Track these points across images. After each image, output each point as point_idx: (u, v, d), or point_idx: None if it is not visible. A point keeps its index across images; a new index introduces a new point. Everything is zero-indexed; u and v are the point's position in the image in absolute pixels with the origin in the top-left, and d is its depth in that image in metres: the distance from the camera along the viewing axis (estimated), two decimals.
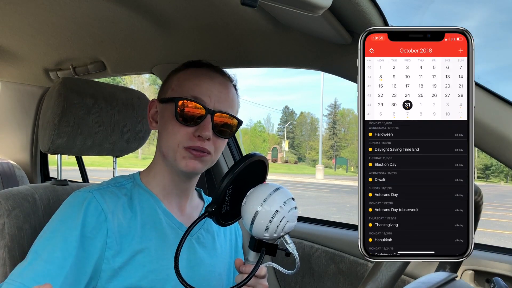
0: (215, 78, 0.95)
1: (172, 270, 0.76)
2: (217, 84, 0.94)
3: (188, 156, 0.91)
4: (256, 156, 0.82)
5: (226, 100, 0.94)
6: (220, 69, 0.99)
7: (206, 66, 0.97)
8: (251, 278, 0.76)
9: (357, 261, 1.36)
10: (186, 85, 0.93)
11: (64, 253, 0.81)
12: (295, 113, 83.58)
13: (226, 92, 0.95)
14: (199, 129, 0.90)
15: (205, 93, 0.92)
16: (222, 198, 0.78)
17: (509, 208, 13.20)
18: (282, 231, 0.77)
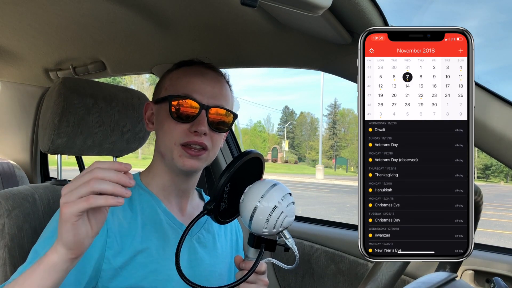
0: (207, 74, 0.95)
1: (173, 271, 0.76)
2: (210, 80, 0.95)
3: (185, 155, 0.91)
4: (252, 153, 0.83)
5: (220, 94, 0.95)
6: (212, 65, 0.99)
7: (198, 64, 0.98)
8: (251, 274, 0.77)
9: (357, 261, 1.36)
10: (178, 83, 0.94)
11: None
12: (295, 113, 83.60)
13: (219, 87, 0.96)
14: (194, 124, 0.91)
15: (198, 89, 0.92)
16: (220, 196, 0.79)
17: (509, 208, 13.20)
18: (281, 226, 0.78)
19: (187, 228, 0.77)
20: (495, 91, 0.77)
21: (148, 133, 1.26)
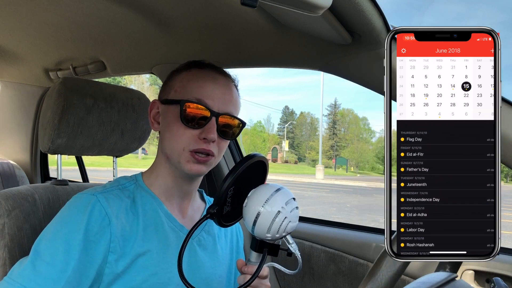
0: (218, 80, 0.94)
1: (174, 273, 0.75)
2: (221, 86, 0.94)
3: (192, 161, 0.90)
4: (257, 157, 0.82)
5: (230, 101, 0.94)
6: (222, 70, 0.98)
7: (209, 67, 0.97)
8: (255, 278, 0.76)
9: (357, 261, 1.36)
10: (189, 86, 0.93)
11: (66, 257, 0.81)
12: (295, 113, 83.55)
13: (230, 94, 0.95)
14: (204, 131, 0.89)
15: (210, 95, 0.91)
16: (223, 200, 0.78)
17: (509, 208, 13.18)
18: (284, 231, 0.77)
19: (189, 232, 0.76)
20: None
21: (148, 133, 1.26)
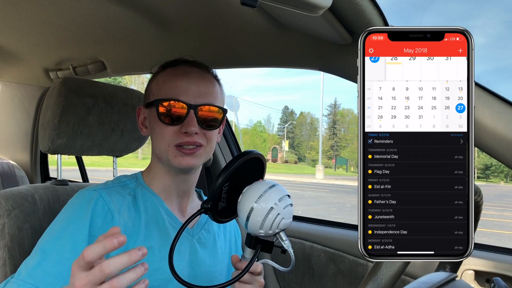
0: (191, 74, 0.95)
1: (176, 270, 0.76)
2: (194, 79, 0.94)
3: (180, 155, 0.92)
4: (253, 154, 0.82)
5: (206, 92, 0.95)
6: (196, 62, 0.99)
7: (183, 63, 0.98)
8: (245, 273, 0.77)
9: (357, 261, 1.36)
10: (164, 87, 0.94)
11: (74, 255, 0.80)
12: (295, 113, 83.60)
13: (205, 85, 0.95)
14: (184, 125, 0.91)
15: (184, 90, 0.92)
16: (218, 195, 0.78)
17: (509, 208, 13.19)
18: (277, 228, 0.77)
19: (183, 225, 0.77)
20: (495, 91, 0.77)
21: None
